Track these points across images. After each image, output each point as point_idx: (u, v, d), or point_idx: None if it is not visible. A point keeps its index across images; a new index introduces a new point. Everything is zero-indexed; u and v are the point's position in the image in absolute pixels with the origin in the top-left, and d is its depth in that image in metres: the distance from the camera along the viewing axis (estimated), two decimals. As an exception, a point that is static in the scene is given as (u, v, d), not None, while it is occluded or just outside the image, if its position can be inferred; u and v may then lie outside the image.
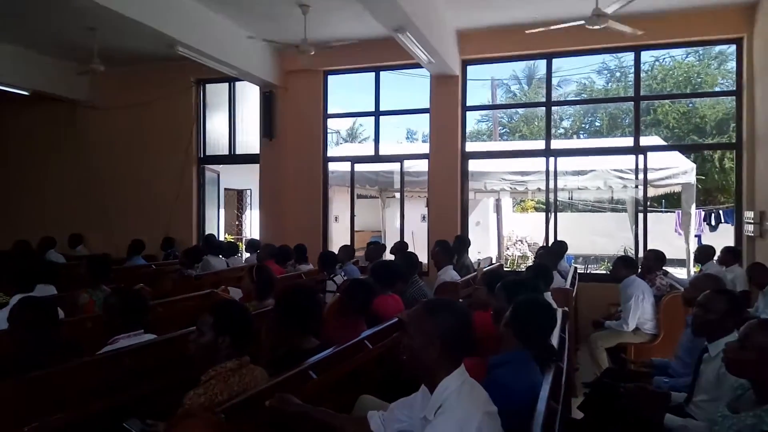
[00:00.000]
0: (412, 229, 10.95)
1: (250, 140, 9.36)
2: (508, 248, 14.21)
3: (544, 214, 8.56)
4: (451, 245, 6.32)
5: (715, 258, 6.34)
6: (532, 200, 16.77)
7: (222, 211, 10.77)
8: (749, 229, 6.63)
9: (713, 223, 12.24)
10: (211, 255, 6.98)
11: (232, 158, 9.50)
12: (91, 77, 8.45)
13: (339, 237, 9.07)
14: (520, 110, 23.27)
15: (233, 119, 9.37)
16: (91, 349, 3.03)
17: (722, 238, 9.14)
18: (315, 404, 2.23)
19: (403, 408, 2.05)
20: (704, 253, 6.54)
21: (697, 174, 9.15)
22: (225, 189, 11.68)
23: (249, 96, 9.39)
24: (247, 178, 11.47)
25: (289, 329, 2.71)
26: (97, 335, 3.27)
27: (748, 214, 6.65)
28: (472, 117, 25.93)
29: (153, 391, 2.60)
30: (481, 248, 11.46)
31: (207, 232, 8.92)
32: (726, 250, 6.28)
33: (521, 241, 14.88)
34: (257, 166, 8.89)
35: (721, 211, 12.53)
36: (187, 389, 2.23)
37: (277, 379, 2.25)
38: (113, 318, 3.08)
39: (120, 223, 9.04)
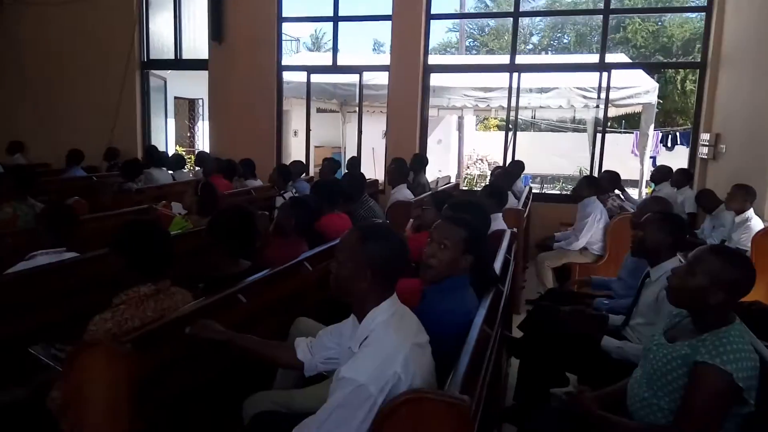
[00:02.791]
0: (373, 145, 10.67)
1: (198, 44, 8.70)
2: (468, 167, 14.14)
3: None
4: (407, 163, 6.18)
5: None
6: (495, 118, 16.54)
7: (171, 122, 10.20)
8: (703, 151, 6.65)
9: (669, 144, 12.41)
10: (154, 168, 6.63)
11: (179, 63, 8.83)
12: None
13: (298, 153, 8.73)
14: (491, 23, 22.46)
15: (179, 20, 8.62)
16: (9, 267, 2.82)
17: (677, 159, 9.23)
18: (248, 330, 2.10)
19: (332, 335, 1.95)
20: (661, 172, 6.57)
21: (658, 96, 9.07)
22: (174, 97, 11.03)
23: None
24: (198, 87, 10.82)
25: (217, 253, 2.51)
26: (19, 252, 3.04)
27: (704, 137, 6.64)
28: (439, 27, 25.08)
29: (70, 313, 2.43)
30: (442, 167, 11.33)
31: (152, 143, 8.44)
32: (679, 172, 6.32)
33: (482, 160, 14.83)
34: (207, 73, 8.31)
35: (678, 133, 12.69)
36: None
37: (200, 304, 2.09)
38: (41, 233, 2.97)
39: (61, 131, 8.46)
